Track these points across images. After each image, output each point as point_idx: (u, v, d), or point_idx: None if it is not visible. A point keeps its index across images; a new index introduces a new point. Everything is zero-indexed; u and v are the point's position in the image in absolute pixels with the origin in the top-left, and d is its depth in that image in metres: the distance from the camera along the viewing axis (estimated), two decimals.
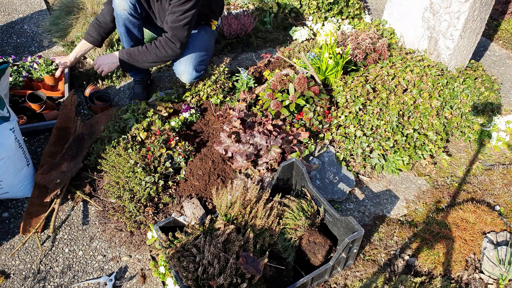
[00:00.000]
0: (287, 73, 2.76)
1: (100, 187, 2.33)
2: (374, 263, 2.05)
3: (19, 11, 3.86)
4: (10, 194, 2.20)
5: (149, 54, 2.47)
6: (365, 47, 2.98)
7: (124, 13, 2.45)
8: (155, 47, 2.45)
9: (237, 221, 1.87)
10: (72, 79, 3.07)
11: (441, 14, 2.92)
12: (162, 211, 2.19)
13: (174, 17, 2.36)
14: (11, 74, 2.78)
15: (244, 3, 3.91)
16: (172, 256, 1.72)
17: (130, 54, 2.49)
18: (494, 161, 2.63)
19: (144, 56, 2.48)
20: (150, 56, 2.47)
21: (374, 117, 2.59)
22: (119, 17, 2.48)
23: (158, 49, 2.45)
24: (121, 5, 2.43)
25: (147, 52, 2.47)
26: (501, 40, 3.78)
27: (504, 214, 2.29)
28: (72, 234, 2.16)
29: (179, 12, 2.34)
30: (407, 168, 2.50)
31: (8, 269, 2.00)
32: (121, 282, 1.96)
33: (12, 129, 2.09)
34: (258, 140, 2.27)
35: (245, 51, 3.48)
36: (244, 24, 3.42)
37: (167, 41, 2.43)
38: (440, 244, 2.10)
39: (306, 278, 1.76)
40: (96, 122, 2.58)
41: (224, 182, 2.30)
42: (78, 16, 3.34)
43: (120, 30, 2.54)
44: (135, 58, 2.49)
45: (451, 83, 2.89)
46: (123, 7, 2.43)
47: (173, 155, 2.32)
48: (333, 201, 2.33)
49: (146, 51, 2.47)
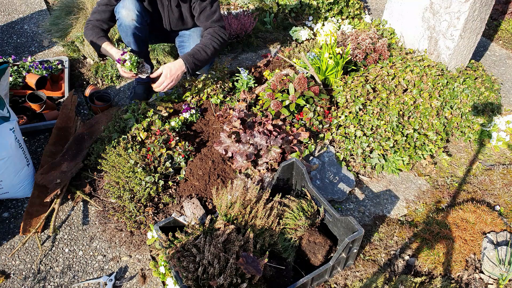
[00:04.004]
0: (287, 73, 2.76)
1: (100, 187, 2.33)
2: (374, 263, 2.05)
3: (19, 11, 3.86)
4: (10, 194, 2.20)
5: (208, 48, 2.48)
6: (365, 47, 2.98)
7: (133, 23, 2.43)
8: (210, 38, 2.49)
9: (237, 221, 1.87)
10: (72, 79, 3.07)
11: (441, 14, 2.92)
12: (162, 211, 2.19)
13: (207, 13, 2.50)
14: (11, 74, 2.78)
15: (244, 3, 3.91)
16: (172, 256, 1.72)
17: (194, 56, 2.45)
18: (494, 161, 2.63)
19: (205, 52, 2.47)
20: (209, 50, 2.48)
21: (374, 117, 2.59)
22: (127, 28, 2.45)
23: (213, 40, 2.49)
24: (129, 16, 2.40)
25: (205, 48, 2.47)
26: (501, 40, 3.78)
27: (504, 214, 2.29)
28: (72, 234, 2.16)
29: (209, 6, 2.50)
30: (407, 168, 2.50)
31: (8, 269, 2.00)
32: (121, 282, 1.96)
33: (12, 129, 2.09)
34: (258, 140, 2.27)
35: (245, 51, 3.48)
36: (244, 24, 3.42)
37: (215, 31, 2.50)
38: (440, 244, 2.10)
39: (306, 278, 1.76)
40: (96, 122, 2.58)
41: (224, 182, 2.29)
42: (78, 16, 3.34)
43: (129, 39, 2.52)
44: (200, 57, 2.47)
45: (451, 83, 2.89)
46: (131, 18, 2.41)
47: (173, 155, 2.32)
48: (333, 201, 2.33)
49: (205, 47, 2.47)
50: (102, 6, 2.48)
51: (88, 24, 2.52)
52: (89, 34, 2.51)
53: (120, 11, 2.41)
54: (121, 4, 2.41)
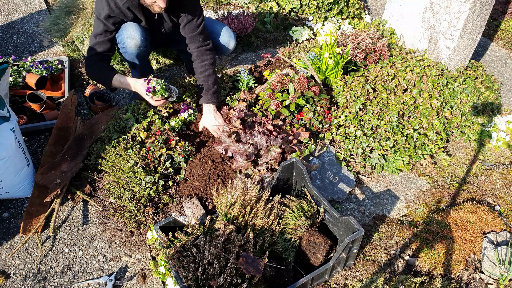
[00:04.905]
0: (287, 73, 2.76)
1: (100, 187, 2.33)
2: (374, 263, 2.05)
3: (19, 11, 3.86)
4: (10, 194, 2.20)
5: (209, 73, 2.53)
6: (365, 47, 2.98)
7: (138, 49, 2.43)
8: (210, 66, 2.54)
9: (237, 221, 1.87)
10: (72, 79, 3.07)
11: (441, 14, 2.92)
12: (162, 211, 2.19)
13: (193, 26, 2.47)
14: (11, 74, 2.78)
15: (244, 3, 3.91)
16: (172, 256, 1.72)
17: (207, 91, 2.52)
18: (494, 161, 2.63)
19: (210, 78, 2.54)
20: (210, 71, 2.54)
21: (374, 117, 2.59)
22: (133, 54, 2.45)
23: (206, 63, 2.53)
24: (135, 44, 2.39)
25: (208, 76, 2.53)
26: (501, 40, 3.78)
27: (504, 214, 2.29)
28: (72, 234, 2.16)
29: (195, 19, 2.46)
30: (407, 168, 2.50)
31: (8, 269, 2.00)
32: (121, 282, 1.96)
33: (12, 129, 2.09)
34: (258, 140, 2.27)
35: (245, 51, 3.48)
36: (244, 24, 3.42)
37: (206, 51, 2.53)
38: (440, 244, 2.10)
39: (306, 278, 1.76)
40: (96, 122, 2.58)
41: (224, 182, 2.29)
42: (78, 16, 3.34)
43: (134, 62, 2.53)
44: (211, 85, 2.54)
45: (451, 83, 2.89)
46: (137, 45, 2.40)
47: (173, 155, 2.32)
48: (333, 201, 2.33)
49: (212, 74, 2.54)
50: (100, 37, 2.36)
51: (90, 60, 2.41)
52: (95, 71, 2.42)
53: (126, 41, 2.38)
54: (125, 34, 2.37)
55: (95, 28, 2.37)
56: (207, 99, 2.51)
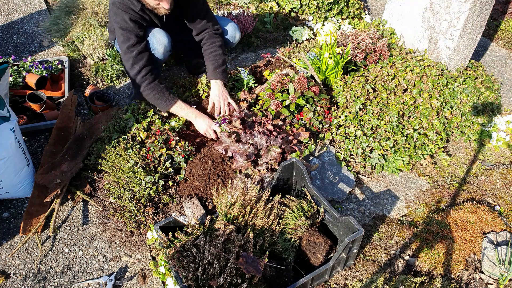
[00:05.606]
0: (287, 73, 2.76)
1: (100, 187, 2.33)
2: (374, 263, 2.05)
3: (19, 11, 3.86)
4: (10, 194, 2.20)
5: (218, 51, 2.58)
6: (365, 47, 2.98)
7: (166, 54, 2.55)
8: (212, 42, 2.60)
9: (237, 221, 1.87)
10: (72, 79, 3.07)
11: (441, 14, 2.92)
12: (162, 211, 2.19)
13: (200, 15, 2.55)
14: (11, 74, 2.78)
15: (244, 3, 3.91)
16: (172, 256, 1.72)
17: (216, 69, 2.58)
18: (494, 161, 2.63)
19: (219, 56, 2.60)
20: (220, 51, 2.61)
21: (374, 117, 2.59)
22: (159, 59, 2.55)
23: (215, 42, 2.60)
24: (164, 48, 2.50)
25: (217, 55, 2.59)
26: (501, 40, 3.78)
27: (504, 214, 2.29)
28: (72, 234, 2.16)
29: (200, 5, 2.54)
30: (407, 168, 2.50)
31: (8, 269, 2.00)
32: (121, 282, 1.96)
33: (12, 129, 2.09)
34: (258, 140, 2.27)
35: (245, 51, 3.48)
36: (244, 24, 3.42)
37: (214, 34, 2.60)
38: (440, 244, 2.10)
39: (306, 278, 1.76)
40: (96, 122, 2.58)
41: (224, 182, 2.29)
42: (78, 16, 3.34)
43: (157, 65, 2.62)
44: (220, 63, 2.60)
45: (451, 83, 2.89)
46: (166, 50, 2.52)
47: (173, 155, 2.32)
48: (333, 201, 2.33)
49: (221, 54, 2.60)
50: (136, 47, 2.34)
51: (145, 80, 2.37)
52: (154, 92, 2.40)
53: (156, 47, 2.47)
54: (154, 40, 2.45)
55: (125, 41, 2.34)
56: (215, 75, 2.57)
